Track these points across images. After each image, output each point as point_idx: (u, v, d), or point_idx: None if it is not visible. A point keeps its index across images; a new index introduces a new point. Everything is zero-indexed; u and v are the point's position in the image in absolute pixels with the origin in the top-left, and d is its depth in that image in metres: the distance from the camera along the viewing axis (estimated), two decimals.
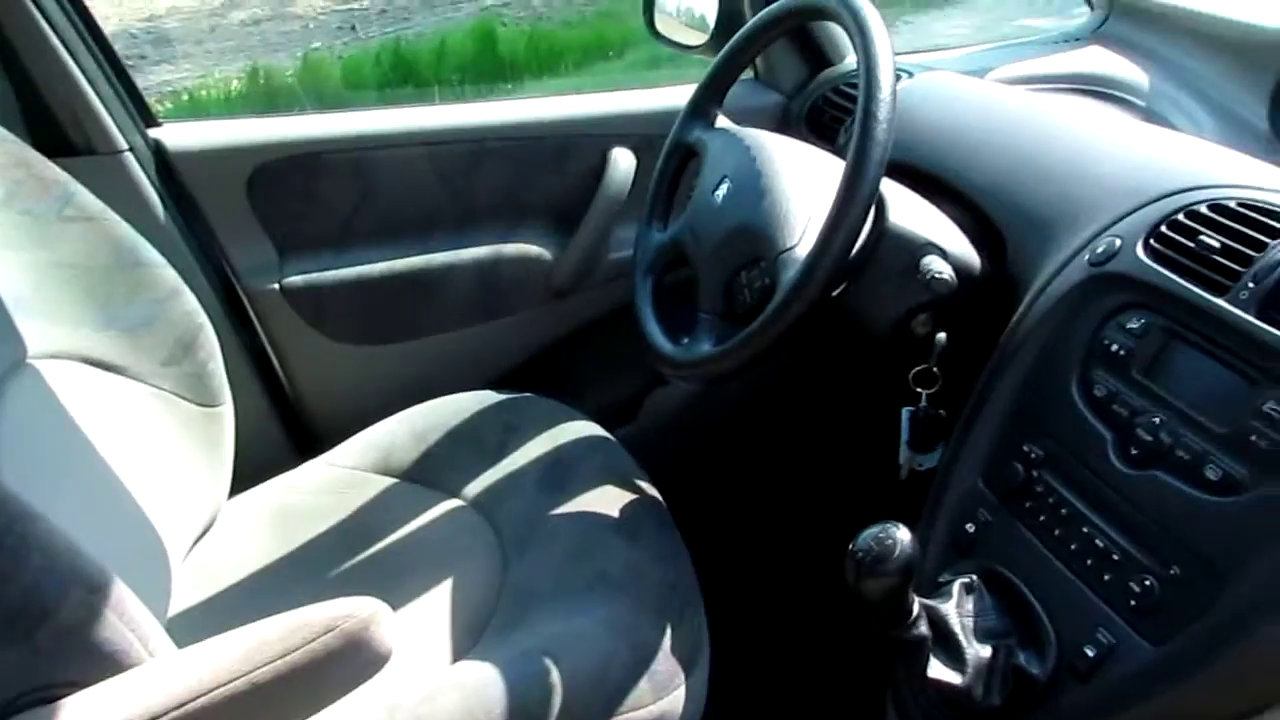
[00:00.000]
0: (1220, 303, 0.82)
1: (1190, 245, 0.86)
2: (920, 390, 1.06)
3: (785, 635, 1.55)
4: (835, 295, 1.02)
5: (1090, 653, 0.81)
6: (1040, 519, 0.89)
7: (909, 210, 1.06)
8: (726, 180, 1.11)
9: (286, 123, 1.44)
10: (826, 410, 1.65)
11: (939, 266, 1.02)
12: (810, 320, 0.96)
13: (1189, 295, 0.84)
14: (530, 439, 1.26)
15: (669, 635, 1.02)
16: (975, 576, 0.88)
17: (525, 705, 0.92)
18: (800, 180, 1.06)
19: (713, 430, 1.69)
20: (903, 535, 0.76)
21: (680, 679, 1.00)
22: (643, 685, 0.97)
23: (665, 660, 1.00)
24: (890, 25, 1.00)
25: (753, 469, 1.67)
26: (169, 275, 1.15)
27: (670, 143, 1.23)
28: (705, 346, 1.06)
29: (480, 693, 0.92)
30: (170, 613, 1.07)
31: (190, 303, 1.17)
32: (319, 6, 7.44)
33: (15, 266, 1.04)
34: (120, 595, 0.72)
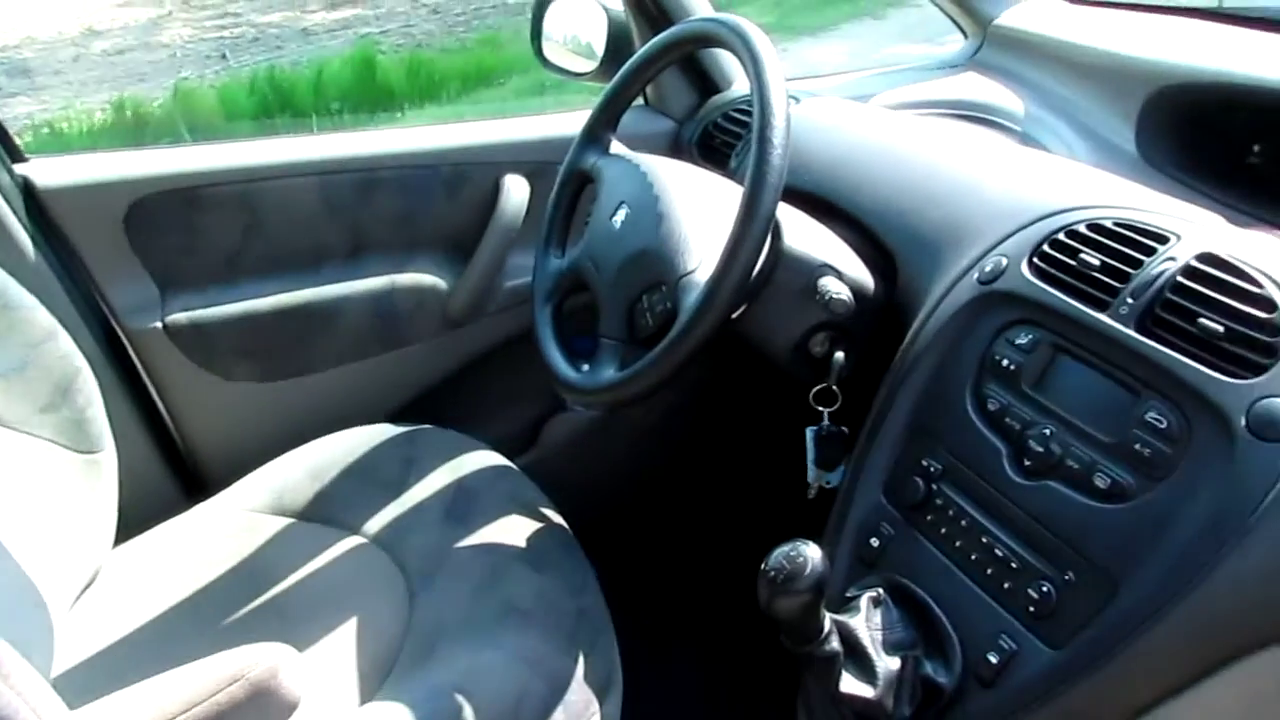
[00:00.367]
0: (1101, 318, 0.86)
1: (1072, 263, 0.90)
2: (822, 409, 1.08)
3: (697, 657, 1.55)
4: (735, 318, 1.04)
5: (993, 659, 0.83)
6: (941, 531, 0.91)
7: (804, 233, 1.08)
8: (624, 206, 1.11)
9: (164, 155, 1.39)
10: (731, 431, 1.67)
11: (835, 287, 1.04)
12: (712, 343, 0.97)
13: (1072, 311, 0.88)
14: (431, 471, 1.24)
15: (581, 664, 1.01)
16: (882, 590, 0.90)
17: None
18: (697, 205, 1.07)
19: (616, 455, 1.69)
20: (813, 553, 0.77)
21: (594, 707, 1.00)
22: (557, 716, 0.96)
23: (578, 690, 0.99)
24: None
25: (658, 492, 1.68)
26: (42, 317, 1.10)
27: (565, 169, 1.23)
28: (609, 372, 1.06)
29: None
30: (56, 671, 1.01)
31: (66, 345, 1.12)
32: (187, 35, 7.25)
33: None
34: (2, 656, 0.68)
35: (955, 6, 1.65)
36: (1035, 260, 0.93)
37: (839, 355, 1.06)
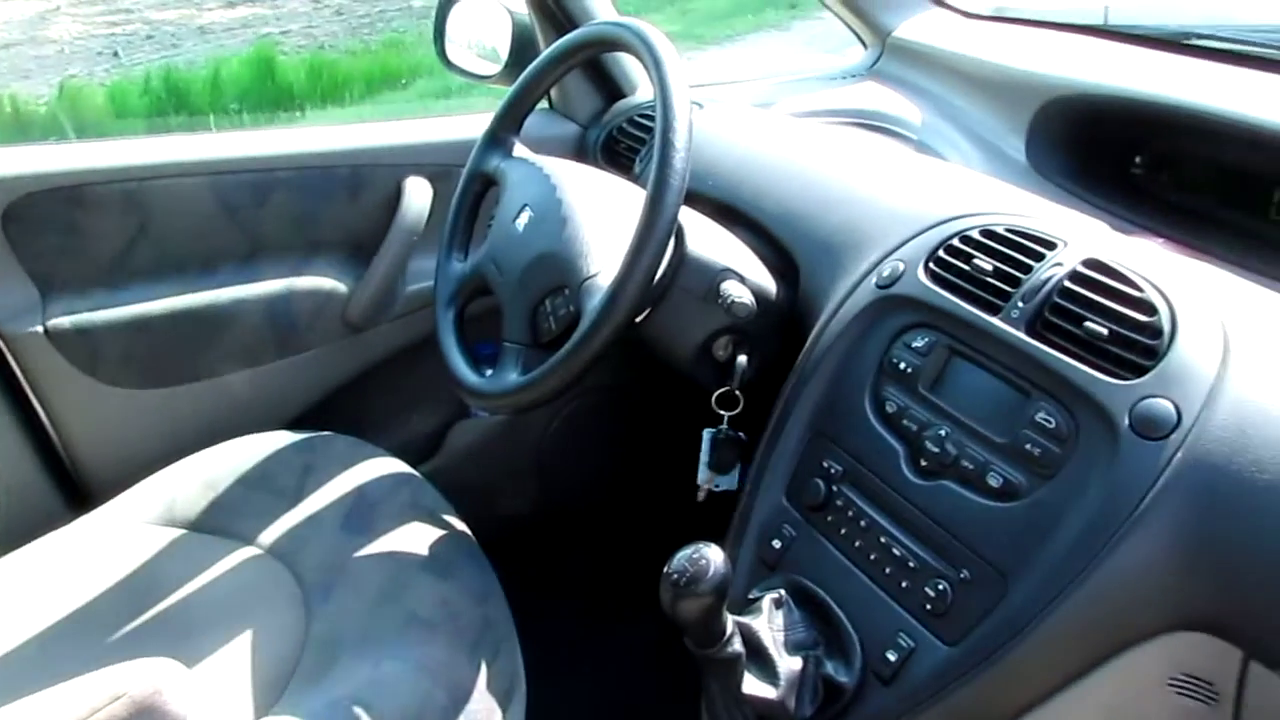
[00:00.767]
0: (994, 321, 0.88)
1: (966, 268, 0.92)
2: (724, 413, 1.09)
3: (601, 663, 1.55)
4: (638, 322, 1.04)
5: (892, 657, 0.84)
6: (841, 531, 0.92)
7: (706, 237, 1.08)
8: (527, 209, 1.11)
9: (46, 153, 1.33)
10: (634, 435, 1.67)
11: (738, 291, 1.05)
12: (616, 347, 0.97)
13: (966, 315, 0.90)
14: (330, 479, 1.21)
15: (484, 672, 1.00)
16: (783, 591, 0.91)
17: None
18: (601, 208, 1.07)
19: (520, 461, 1.68)
20: (715, 555, 0.77)
21: (497, 716, 0.98)
22: None
23: (481, 698, 0.98)
24: None
25: (562, 498, 1.67)
26: None
27: (468, 171, 1.22)
28: (512, 376, 1.05)
29: None
30: None
31: None
32: (76, 31, 7.00)
33: None
34: None
35: (855, 18, 1.68)
36: (931, 265, 0.95)
37: (742, 359, 1.07)
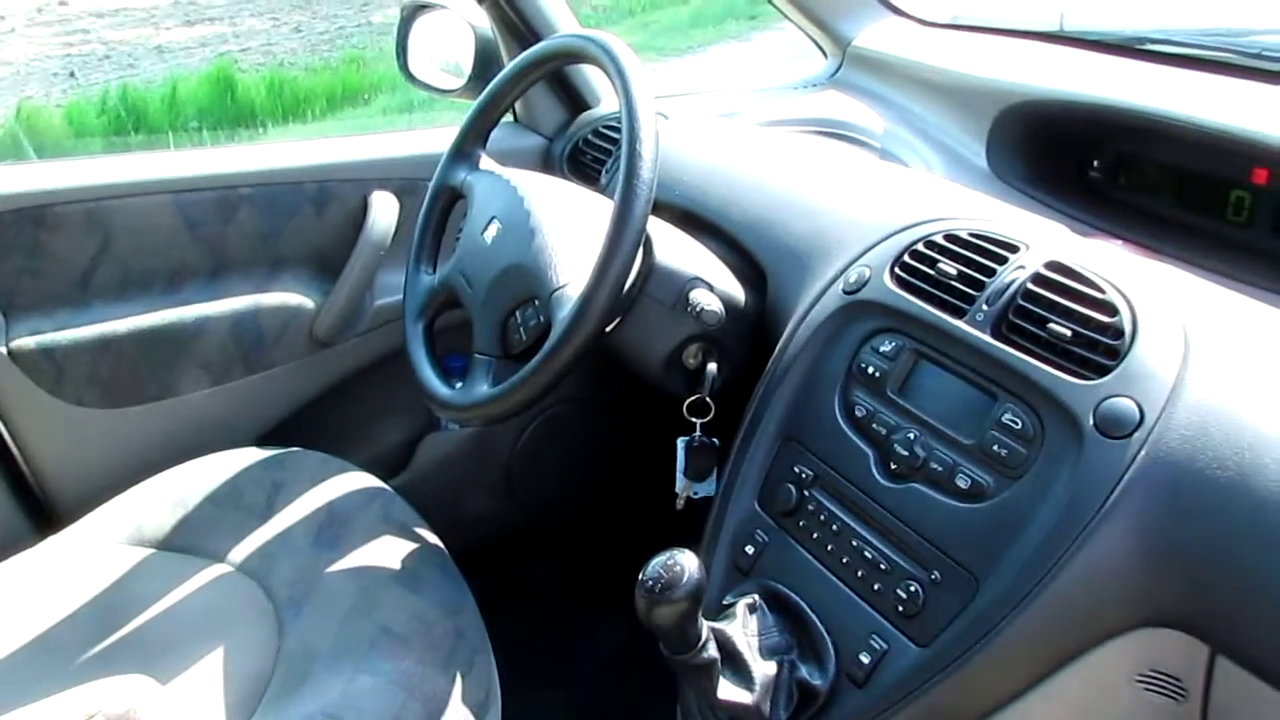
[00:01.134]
0: (959, 324, 0.89)
1: (930, 273, 0.94)
2: (695, 420, 1.09)
3: (575, 673, 1.55)
4: (608, 332, 1.04)
5: (865, 659, 0.85)
6: (813, 536, 0.93)
7: (674, 247, 1.09)
8: (495, 221, 1.11)
9: (6, 173, 1.32)
10: (606, 444, 1.67)
11: (707, 299, 1.06)
12: (586, 358, 0.98)
13: (931, 318, 0.91)
14: (300, 495, 1.21)
15: (459, 685, 1.00)
16: (757, 596, 0.91)
17: None
18: (568, 219, 1.08)
19: (491, 473, 1.68)
20: (690, 561, 0.77)
21: None
22: None
23: (456, 710, 0.98)
24: None
25: (534, 508, 1.66)
26: None
27: (435, 185, 1.22)
28: (483, 388, 1.05)
29: None
30: None
31: None
32: (32, 52, 6.92)
33: None
34: None
35: (815, 28, 1.70)
36: (896, 270, 0.97)
37: (711, 367, 1.07)
